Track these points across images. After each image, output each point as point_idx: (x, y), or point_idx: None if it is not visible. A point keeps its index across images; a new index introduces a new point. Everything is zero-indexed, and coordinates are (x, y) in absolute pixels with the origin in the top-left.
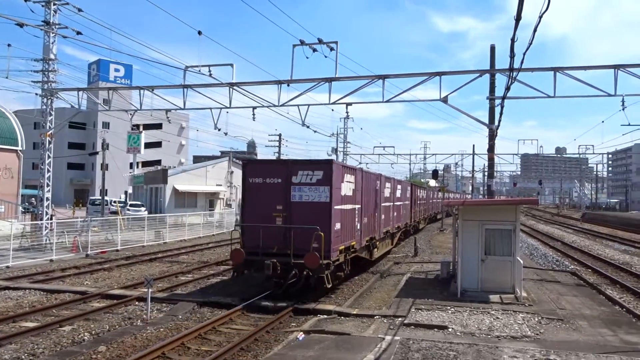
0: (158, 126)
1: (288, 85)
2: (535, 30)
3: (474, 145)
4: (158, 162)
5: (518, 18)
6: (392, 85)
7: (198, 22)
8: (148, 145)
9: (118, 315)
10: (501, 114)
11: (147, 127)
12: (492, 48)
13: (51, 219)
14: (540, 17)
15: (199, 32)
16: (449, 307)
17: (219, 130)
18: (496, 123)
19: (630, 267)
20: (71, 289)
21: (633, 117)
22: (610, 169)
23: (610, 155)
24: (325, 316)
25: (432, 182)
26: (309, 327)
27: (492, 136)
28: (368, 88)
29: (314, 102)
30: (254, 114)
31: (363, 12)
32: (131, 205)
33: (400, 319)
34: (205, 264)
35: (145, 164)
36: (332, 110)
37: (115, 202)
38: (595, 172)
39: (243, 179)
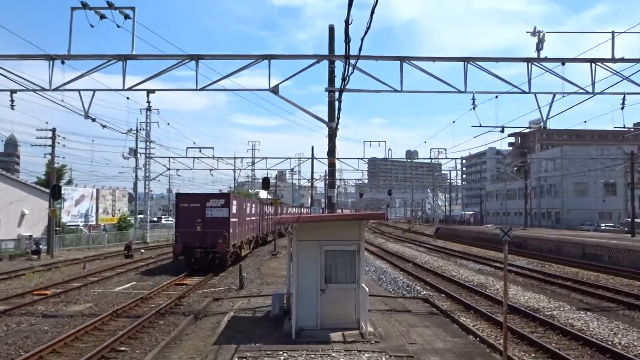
0: None
1: (63, 63)
2: (372, 12)
3: (312, 147)
4: None
5: None
6: (209, 70)
7: None
8: None
9: None
10: (339, 109)
11: None
12: (331, 29)
13: None
14: None
15: None
16: (281, 353)
17: None
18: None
19: (485, 289)
20: None
21: (484, 117)
22: (464, 176)
23: (464, 161)
24: None
25: (263, 193)
26: None
27: (332, 136)
28: (179, 71)
29: (102, 86)
30: (12, 100)
31: None
32: None
33: None
34: None
35: None
36: (128, 98)
37: None
38: (449, 180)
39: (176, 204)
